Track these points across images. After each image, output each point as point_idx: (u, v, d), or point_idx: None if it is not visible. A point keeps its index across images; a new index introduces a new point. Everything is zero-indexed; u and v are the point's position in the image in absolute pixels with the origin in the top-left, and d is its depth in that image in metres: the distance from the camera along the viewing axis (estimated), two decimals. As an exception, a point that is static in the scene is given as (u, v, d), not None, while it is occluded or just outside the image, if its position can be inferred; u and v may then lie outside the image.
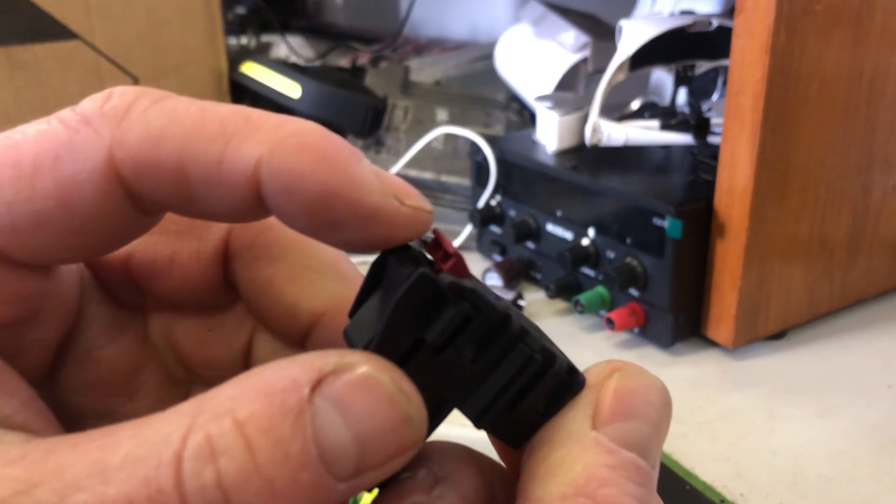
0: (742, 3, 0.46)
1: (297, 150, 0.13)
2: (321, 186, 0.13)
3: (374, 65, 0.94)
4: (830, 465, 0.43)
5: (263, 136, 0.13)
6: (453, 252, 0.14)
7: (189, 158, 0.13)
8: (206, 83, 0.79)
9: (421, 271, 0.13)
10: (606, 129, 0.58)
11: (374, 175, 0.14)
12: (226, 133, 0.13)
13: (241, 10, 1.39)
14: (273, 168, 0.13)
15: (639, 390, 0.14)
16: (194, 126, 0.13)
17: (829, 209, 0.53)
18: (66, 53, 0.72)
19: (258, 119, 0.14)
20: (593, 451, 0.13)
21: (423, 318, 0.13)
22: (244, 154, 0.13)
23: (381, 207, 0.13)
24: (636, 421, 0.14)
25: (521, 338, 0.13)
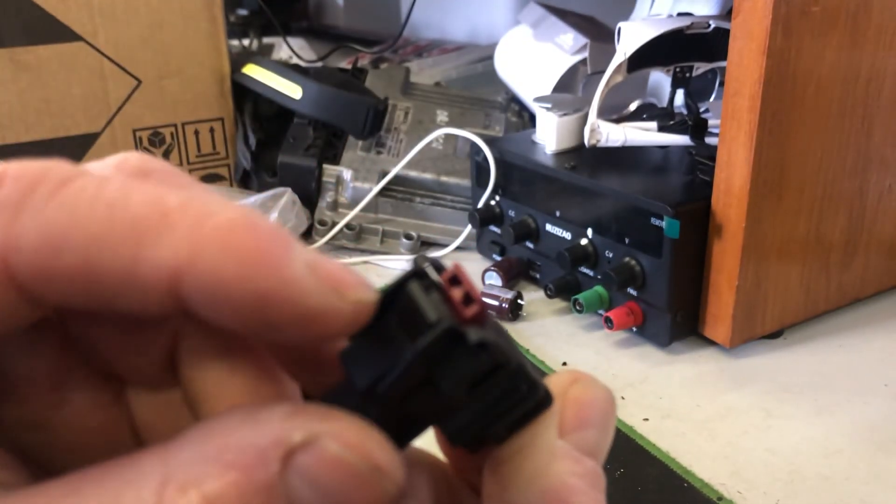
0: (739, 4, 0.47)
1: (221, 251, 0.11)
2: (250, 293, 0.12)
3: (375, 66, 0.94)
4: (827, 463, 0.43)
5: (181, 236, 0.11)
6: (477, 298, 0.13)
7: (95, 266, 0.11)
8: (209, 84, 0.79)
9: (449, 326, 0.12)
10: (605, 130, 0.58)
11: (310, 271, 0.12)
12: (137, 234, 0.11)
13: (243, 12, 1.40)
14: (194, 275, 0.11)
15: (594, 401, 0.15)
16: (100, 228, 0.11)
17: (826, 209, 0.54)
18: (69, 55, 0.72)
19: (177, 213, 0.12)
20: (563, 461, 0.14)
21: (437, 362, 0.13)
22: (159, 259, 0.11)
23: (318, 308, 0.12)
24: (592, 429, 0.15)
25: (516, 375, 0.14)
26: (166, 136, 0.79)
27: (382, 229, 0.73)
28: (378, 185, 0.73)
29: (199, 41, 0.78)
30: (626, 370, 0.53)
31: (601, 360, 0.54)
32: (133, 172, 0.14)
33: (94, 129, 0.76)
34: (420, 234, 0.72)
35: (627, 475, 0.42)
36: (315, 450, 0.12)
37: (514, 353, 0.14)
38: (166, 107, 0.78)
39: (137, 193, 0.12)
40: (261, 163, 0.79)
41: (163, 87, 0.78)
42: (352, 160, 0.75)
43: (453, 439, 0.14)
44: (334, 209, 0.74)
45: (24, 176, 0.12)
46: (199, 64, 0.78)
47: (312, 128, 0.77)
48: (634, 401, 0.49)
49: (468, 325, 0.13)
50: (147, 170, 0.14)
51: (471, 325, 0.13)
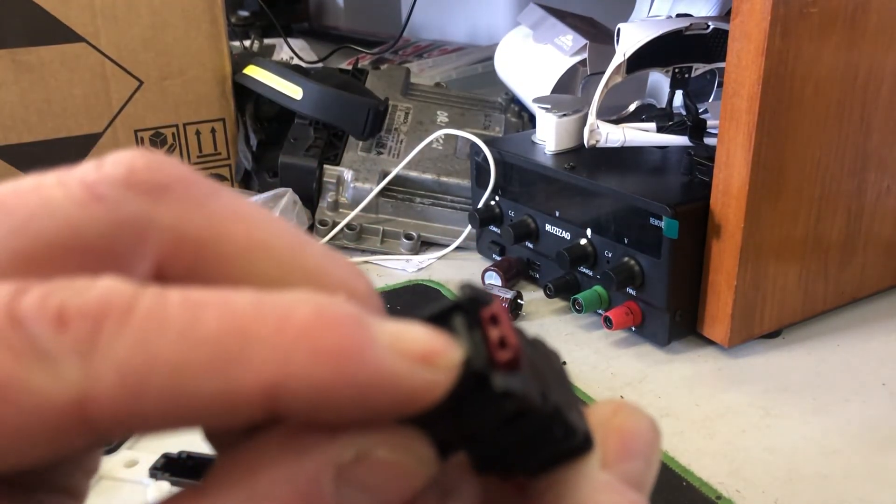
0: (738, 6, 0.47)
1: (311, 360, 0.11)
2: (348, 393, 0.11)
3: (375, 67, 0.94)
4: (825, 461, 0.43)
5: (268, 353, 0.11)
6: (511, 344, 0.13)
7: (180, 403, 0.11)
8: (210, 85, 0.80)
9: (478, 370, 0.12)
10: (604, 131, 0.59)
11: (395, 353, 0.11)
12: (221, 359, 0.11)
13: (245, 13, 1.40)
14: (289, 388, 0.11)
15: (638, 431, 0.15)
16: (179, 360, 0.10)
17: (824, 209, 0.54)
18: (71, 56, 0.73)
19: (254, 324, 0.11)
20: (607, 494, 0.14)
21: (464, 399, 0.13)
22: (251, 381, 0.11)
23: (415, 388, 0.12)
24: (637, 461, 0.15)
25: (550, 420, 0.13)
26: (168, 136, 0.79)
27: (383, 229, 0.73)
28: (378, 186, 0.73)
29: (200, 42, 0.78)
30: (624, 369, 0.53)
31: (600, 359, 0.54)
32: (147, 191, 0.12)
33: (96, 129, 0.76)
34: (420, 234, 0.73)
35: (626, 473, 0.42)
36: (368, 461, 0.12)
37: (551, 397, 0.13)
38: (168, 107, 0.78)
39: (206, 309, 0.11)
40: (262, 163, 0.79)
41: (164, 88, 0.78)
42: (352, 161, 0.76)
43: (479, 468, 0.14)
44: (335, 209, 0.74)
45: (89, 312, 0.10)
46: (200, 65, 0.79)
47: (313, 128, 0.78)
48: (633, 400, 0.49)
49: (500, 368, 0.13)
50: (162, 186, 0.12)
51: (503, 370, 0.13)
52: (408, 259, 0.71)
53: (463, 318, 0.13)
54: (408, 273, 0.69)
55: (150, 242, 0.12)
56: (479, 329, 0.13)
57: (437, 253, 0.71)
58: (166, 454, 0.28)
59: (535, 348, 0.14)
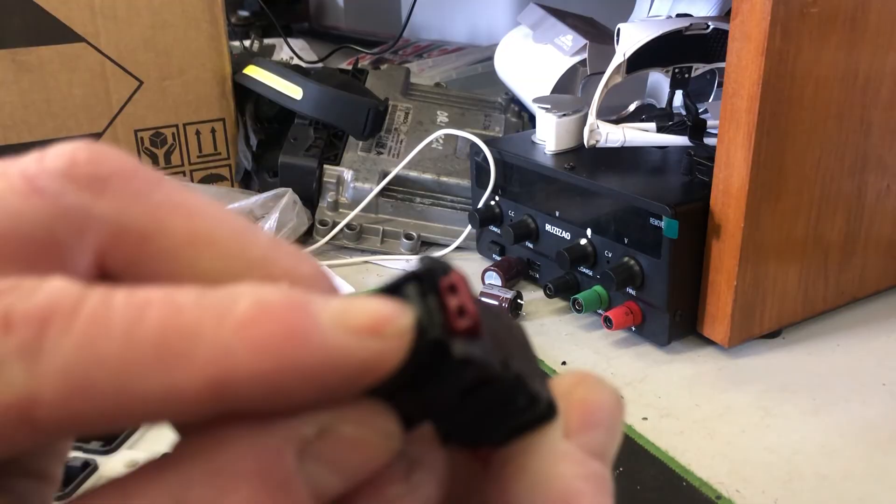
0: (738, 6, 0.47)
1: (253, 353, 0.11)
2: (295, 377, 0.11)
3: (375, 67, 0.94)
4: (825, 462, 0.43)
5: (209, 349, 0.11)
6: (470, 311, 0.13)
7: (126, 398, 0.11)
8: (210, 85, 0.80)
9: (436, 337, 0.12)
10: (604, 131, 0.59)
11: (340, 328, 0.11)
12: (164, 357, 0.11)
13: (245, 13, 1.40)
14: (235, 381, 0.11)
15: (600, 402, 0.15)
16: (124, 360, 0.10)
17: (824, 209, 0.54)
18: (71, 56, 0.73)
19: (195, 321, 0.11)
20: (568, 463, 0.14)
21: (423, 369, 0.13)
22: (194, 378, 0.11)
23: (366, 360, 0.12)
24: (599, 431, 0.15)
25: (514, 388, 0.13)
26: (168, 136, 0.79)
27: (383, 229, 0.73)
28: (378, 186, 0.73)
29: (200, 42, 0.78)
30: (624, 369, 0.53)
31: (600, 359, 0.54)
32: (88, 184, 0.12)
33: (96, 129, 0.76)
34: (420, 234, 0.73)
35: (626, 474, 0.42)
36: (331, 437, 0.12)
37: (513, 365, 0.13)
38: (168, 107, 0.78)
39: (150, 309, 0.11)
40: (262, 163, 0.79)
41: (164, 88, 0.78)
42: (352, 161, 0.76)
43: (445, 440, 0.14)
44: (335, 209, 0.74)
45: (32, 315, 0.11)
46: (200, 65, 0.79)
47: (313, 128, 0.78)
48: (633, 400, 0.49)
49: (459, 336, 0.13)
50: (102, 178, 0.12)
51: (462, 336, 0.13)
52: (408, 259, 0.71)
53: (417, 287, 0.13)
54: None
55: (90, 235, 0.12)
56: (437, 298, 0.13)
57: (437, 253, 0.71)
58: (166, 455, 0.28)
59: (499, 319, 0.14)
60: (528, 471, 0.14)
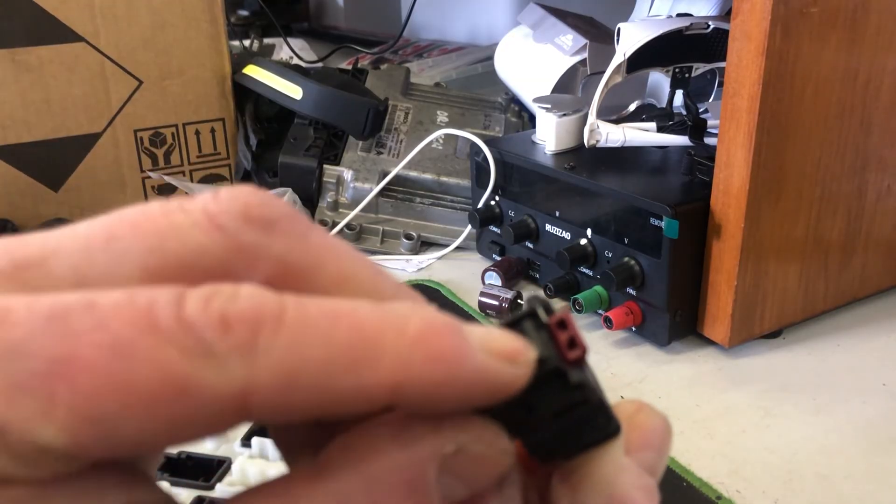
0: (738, 5, 0.47)
1: (426, 362, 0.13)
2: (456, 388, 0.14)
3: (375, 67, 0.94)
4: (826, 462, 0.43)
5: (392, 356, 0.13)
6: (580, 344, 0.16)
7: (321, 394, 0.13)
8: (210, 85, 0.79)
9: (557, 366, 0.15)
10: (604, 131, 0.59)
11: (489, 354, 0.14)
12: (356, 361, 0.13)
13: (244, 13, 1.40)
14: (410, 385, 0.13)
15: (655, 427, 0.18)
16: (323, 362, 0.13)
17: (824, 209, 0.54)
18: (70, 56, 0.73)
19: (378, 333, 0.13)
20: (629, 475, 0.17)
21: (536, 391, 0.15)
22: (380, 379, 0.13)
23: (505, 381, 0.14)
24: (653, 451, 0.18)
25: (598, 410, 0.16)
26: (167, 136, 0.79)
27: (383, 229, 0.73)
28: (378, 186, 0.73)
29: (200, 42, 0.78)
30: (625, 369, 0.53)
31: (600, 359, 0.54)
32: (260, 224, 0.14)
33: (96, 129, 0.76)
34: (420, 234, 0.73)
35: (626, 474, 0.42)
36: (465, 454, 0.14)
37: (598, 391, 0.16)
38: (167, 107, 0.78)
39: (340, 318, 0.13)
40: (261, 163, 0.79)
41: (164, 88, 0.78)
42: (352, 160, 0.76)
43: (532, 451, 0.17)
44: (335, 209, 0.74)
45: (247, 318, 0.12)
46: (200, 65, 0.79)
47: (313, 128, 0.78)
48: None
49: (571, 366, 0.15)
50: (272, 220, 0.14)
51: (573, 366, 0.15)
52: (408, 259, 0.71)
53: (532, 323, 0.16)
54: (408, 273, 0.69)
55: (261, 268, 0.14)
56: (546, 332, 0.16)
57: (437, 253, 0.71)
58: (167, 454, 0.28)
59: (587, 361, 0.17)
60: (594, 478, 0.17)
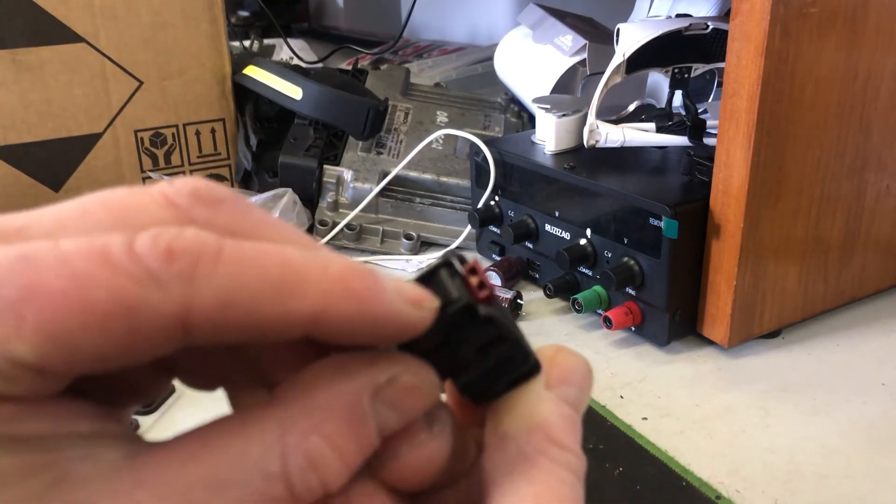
0: (737, 6, 0.47)
1: (344, 297, 0.16)
2: (368, 321, 0.16)
3: (375, 67, 0.94)
4: (825, 461, 0.43)
5: (315, 289, 0.15)
6: (489, 285, 0.18)
7: (252, 318, 0.15)
8: (210, 86, 0.80)
9: (468, 302, 0.17)
10: (604, 131, 0.59)
11: (399, 297, 0.16)
12: (284, 291, 0.15)
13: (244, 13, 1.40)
14: (329, 315, 0.16)
15: (575, 364, 0.20)
16: (255, 291, 0.15)
17: (824, 210, 0.54)
18: (71, 56, 0.73)
19: (303, 269, 0.15)
20: (547, 404, 0.19)
21: (457, 328, 0.17)
22: (304, 308, 0.15)
23: (411, 321, 0.17)
24: (573, 387, 0.19)
25: (515, 346, 0.18)
26: (168, 136, 0.79)
27: (383, 229, 0.73)
28: (378, 186, 0.73)
29: (200, 42, 0.78)
30: (624, 369, 0.53)
31: (600, 359, 0.54)
32: (208, 202, 0.16)
33: (96, 129, 0.76)
34: (420, 234, 0.73)
35: (626, 474, 0.42)
36: (396, 383, 0.17)
37: (514, 329, 0.18)
38: (168, 108, 0.78)
39: (271, 256, 0.15)
40: (262, 163, 0.79)
41: (164, 88, 0.78)
42: (352, 161, 0.76)
43: (463, 390, 0.19)
44: (335, 209, 0.74)
45: (190, 250, 0.15)
46: (200, 65, 0.79)
47: (313, 128, 0.78)
48: (633, 400, 0.49)
49: (481, 304, 0.17)
50: (218, 199, 0.17)
51: (483, 304, 0.17)
52: (408, 259, 0.71)
53: (447, 271, 0.18)
54: (408, 273, 0.69)
55: None
56: (459, 278, 0.18)
57: (437, 253, 0.71)
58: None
59: (496, 300, 0.19)
60: (517, 409, 0.18)
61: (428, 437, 0.18)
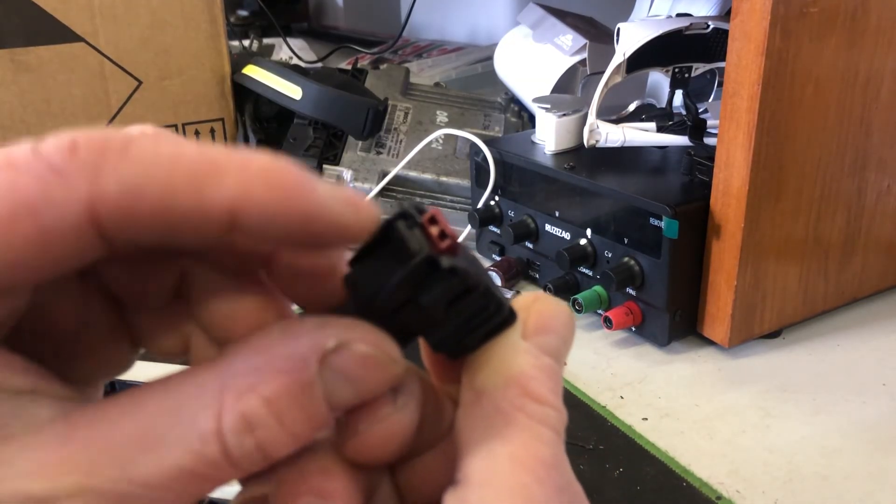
0: (738, 5, 0.47)
1: (267, 187, 0.14)
2: (294, 214, 0.15)
3: (375, 67, 0.94)
4: (825, 462, 0.43)
5: (233, 178, 0.14)
6: (451, 234, 0.16)
7: (165, 209, 0.14)
8: (209, 85, 0.79)
9: (429, 254, 0.16)
10: (604, 131, 0.59)
11: (333, 194, 0.15)
12: (198, 180, 0.14)
13: (244, 13, 1.40)
14: (248, 206, 0.14)
15: (553, 312, 0.19)
16: (167, 178, 0.14)
17: (824, 209, 0.54)
18: (70, 56, 0.73)
19: (223, 161, 0.14)
20: (524, 356, 0.17)
21: (419, 283, 0.16)
22: (220, 198, 0.14)
23: (343, 221, 0.15)
24: (552, 335, 0.18)
25: (485, 296, 0.17)
26: (167, 136, 0.79)
27: (382, 229, 0.73)
28: (378, 186, 0.73)
29: (199, 42, 0.78)
30: (624, 370, 0.53)
31: (600, 359, 0.54)
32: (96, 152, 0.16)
33: (95, 129, 0.76)
34: (420, 235, 0.73)
35: (626, 474, 0.42)
36: (347, 351, 0.15)
37: (483, 279, 0.17)
38: (167, 107, 0.78)
39: (188, 147, 0.14)
40: (261, 163, 0.79)
41: (163, 88, 0.78)
42: (352, 160, 0.76)
43: (435, 347, 0.18)
44: (334, 209, 0.74)
45: (93, 142, 0.14)
46: (199, 65, 0.78)
47: (312, 128, 0.78)
48: (633, 400, 0.49)
49: (443, 254, 0.16)
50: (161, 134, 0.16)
51: (445, 255, 0.16)
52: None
53: (403, 222, 0.16)
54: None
55: None
56: (419, 229, 0.16)
57: (437, 253, 0.71)
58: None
59: (465, 251, 0.17)
60: (492, 362, 0.17)
61: (391, 411, 0.17)
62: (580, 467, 0.43)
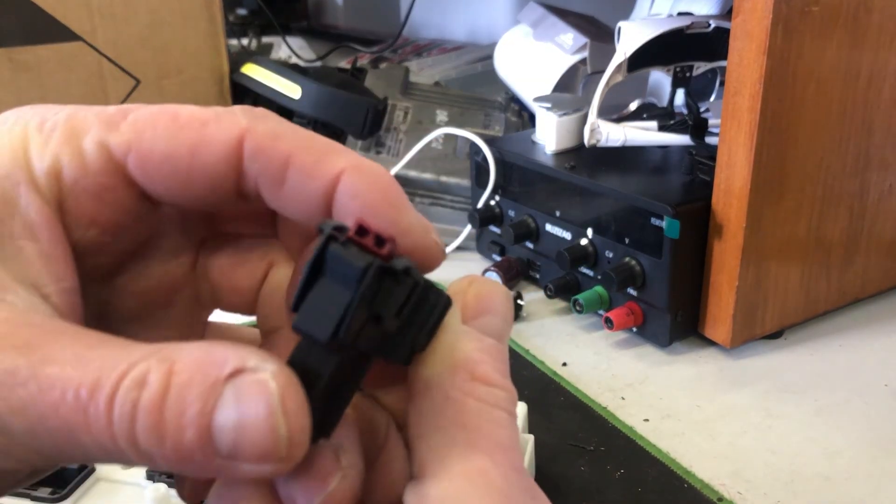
0: (739, 4, 0.46)
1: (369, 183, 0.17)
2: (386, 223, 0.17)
3: (375, 66, 0.94)
4: (827, 463, 0.43)
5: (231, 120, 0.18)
6: (387, 237, 0.16)
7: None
8: (208, 84, 0.79)
9: (378, 264, 0.15)
10: (605, 130, 0.58)
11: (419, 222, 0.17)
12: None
13: (243, 11, 1.40)
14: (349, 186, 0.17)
15: (491, 293, 0.19)
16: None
17: (826, 209, 0.54)
18: (68, 55, 0.72)
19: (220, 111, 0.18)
20: (467, 340, 0.17)
21: (375, 298, 0.15)
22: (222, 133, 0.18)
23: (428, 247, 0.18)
24: (492, 315, 0.18)
25: (427, 287, 0.17)
26: (165, 135, 0.79)
27: (382, 229, 0.72)
28: (377, 185, 0.73)
29: (198, 41, 0.78)
30: (626, 370, 0.53)
31: (601, 360, 0.54)
32: None
33: (94, 128, 0.75)
34: (420, 234, 0.72)
35: (628, 476, 0.42)
36: (254, 375, 0.15)
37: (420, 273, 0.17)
38: (165, 107, 0.78)
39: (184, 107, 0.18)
40: (260, 163, 0.78)
41: (162, 87, 0.77)
42: (351, 160, 0.75)
43: (393, 359, 0.17)
44: (334, 209, 0.74)
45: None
46: (198, 64, 0.78)
47: (312, 127, 0.77)
48: (634, 401, 0.49)
49: (388, 260, 0.16)
50: None
51: (389, 259, 0.16)
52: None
53: (337, 245, 0.15)
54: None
55: None
56: (353, 245, 0.15)
57: (437, 253, 0.71)
58: None
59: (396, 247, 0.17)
60: (437, 352, 0.17)
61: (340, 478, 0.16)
62: (581, 469, 0.42)
